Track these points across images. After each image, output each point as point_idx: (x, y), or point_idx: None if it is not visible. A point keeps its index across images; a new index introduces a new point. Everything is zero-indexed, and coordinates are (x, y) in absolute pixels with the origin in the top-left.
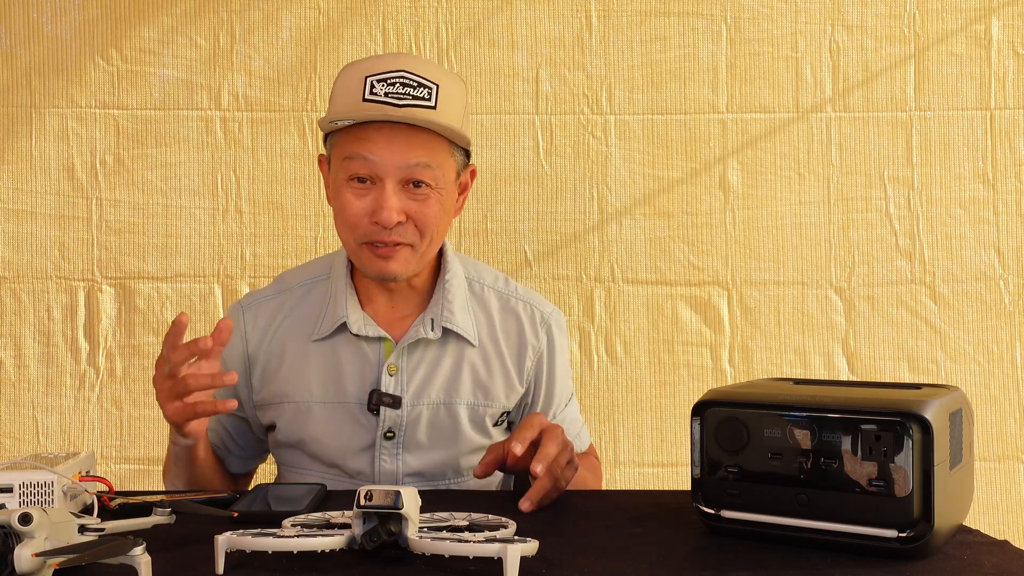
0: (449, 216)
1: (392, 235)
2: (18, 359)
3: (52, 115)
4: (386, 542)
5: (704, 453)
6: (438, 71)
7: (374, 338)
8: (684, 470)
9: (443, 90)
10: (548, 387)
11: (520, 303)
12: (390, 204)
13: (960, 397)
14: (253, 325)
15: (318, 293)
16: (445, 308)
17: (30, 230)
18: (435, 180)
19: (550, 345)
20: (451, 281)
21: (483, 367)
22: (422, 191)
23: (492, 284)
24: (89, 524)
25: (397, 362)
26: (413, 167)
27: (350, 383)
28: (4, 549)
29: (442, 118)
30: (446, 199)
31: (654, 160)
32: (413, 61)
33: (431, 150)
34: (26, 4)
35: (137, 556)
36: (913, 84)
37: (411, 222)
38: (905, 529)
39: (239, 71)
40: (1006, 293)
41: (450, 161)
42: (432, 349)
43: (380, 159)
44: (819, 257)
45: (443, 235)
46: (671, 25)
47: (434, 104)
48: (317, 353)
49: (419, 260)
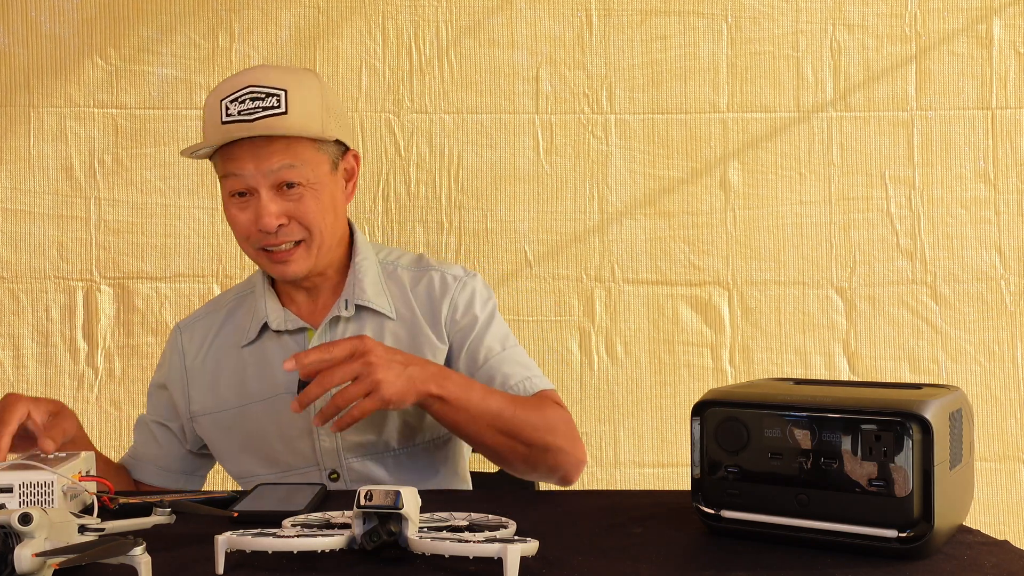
0: (337, 206)
1: (279, 237)
2: (16, 359)
3: (50, 114)
4: (386, 542)
5: (704, 453)
6: (286, 75)
7: (296, 330)
8: (684, 470)
9: (292, 93)
10: (473, 337)
11: (431, 271)
12: (268, 211)
13: (960, 397)
14: (189, 342)
15: (247, 305)
16: (356, 287)
17: (28, 230)
18: (305, 178)
19: (464, 298)
20: (361, 264)
21: (406, 335)
22: (295, 191)
23: (405, 264)
24: (89, 524)
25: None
26: (278, 171)
27: (280, 376)
28: (4, 549)
29: (294, 120)
30: (323, 193)
31: (655, 160)
32: (261, 72)
33: (292, 152)
34: (24, 3)
35: (137, 556)
36: (914, 84)
37: (294, 221)
38: (905, 529)
39: (238, 70)
40: (1007, 293)
41: (318, 156)
42: (351, 327)
43: (248, 172)
44: (820, 257)
45: (335, 225)
46: (672, 24)
47: (284, 109)
48: (249, 358)
49: (317, 254)
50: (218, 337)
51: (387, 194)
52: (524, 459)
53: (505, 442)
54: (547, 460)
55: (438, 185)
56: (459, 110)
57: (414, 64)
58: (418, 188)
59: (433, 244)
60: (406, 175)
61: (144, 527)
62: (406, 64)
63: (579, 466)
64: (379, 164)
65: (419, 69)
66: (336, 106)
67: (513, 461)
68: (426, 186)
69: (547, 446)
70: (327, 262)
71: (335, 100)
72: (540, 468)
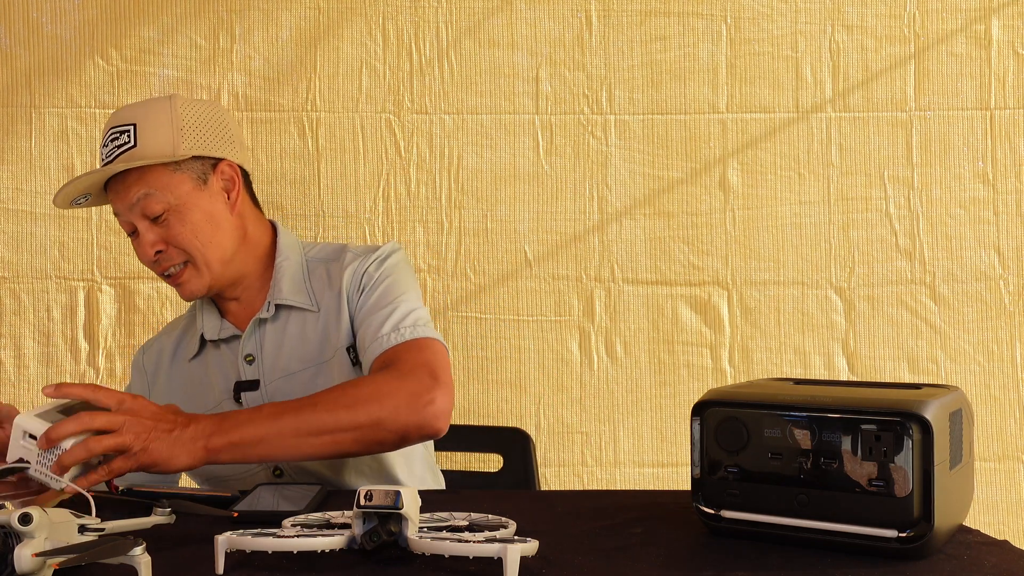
0: (216, 219)
1: (163, 264)
2: (18, 359)
3: (52, 115)
4: (386, 542)
5: (704, 453)
6: (138, 108)
7: (229, 338)
8: (684, 470)
9: (141, 126)
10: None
11: (345, 253)
12: (143, 242)
13: (960, 397)
14: (149, 362)
15: (194, 322)
16: (275, 288)
17: (30, 230)
18: (165, 204)
19: (363, 264)
20: (282, 264)
21: (333, 321)
22: (162, 218)
23: (323, 257)
24: (89, 524)
25: (251, 350)
26: (136, 204)
27: (219, 383)
28: (4, 549)
29: (143, 151)
30: (192, 212)
31: (654, 160)
32: (118, 113)
33: (145, 181)
34: (26, 4)
35: (137, 556)
36: (913, 84)
37: (170, 246)
38: (905, 529)
39: (239, 71)
40: (1006, 293)
41: (175, 177)
42: (277, 327)
43: (119, 210)
44: (819, 257)
45: (219, 238)
46: (671, 25)
47: (134, 143)
48: (195, 371)
49: (210, 271)
50: (171, 355)
51: (387, 194)
52: (358, 441)
53: (329, 440)
54: (387, 429)
55: (438, 185)
56: (459, 110)
57: (414, 65)
58: (418, 188)
59: (433, 244)
60: (406, 175)
61: (144, 527)
62: (406, 65)
63: (432, 417)
64: (379, 164)
65: (419, 70)
66: (195, 121)
67: (353, 450)
68: (426, 186)
69: (375, 420)
70: (238, 272)
71: (195, 115)
72: (387, 440)
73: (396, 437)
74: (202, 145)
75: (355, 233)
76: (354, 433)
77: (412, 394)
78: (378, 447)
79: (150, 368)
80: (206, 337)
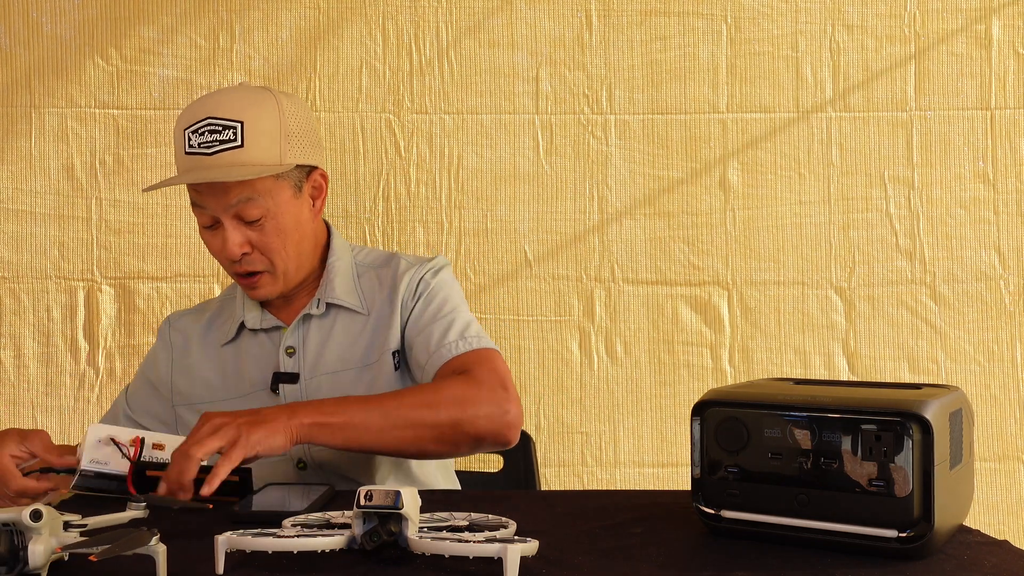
0: (302, 226)
1: (244, 265)
2: (18, 359)
3: (52, 115)
4: (386, 542)
5: (704, 453)
6: (242, 102)
7: (271, 328)
8: (684, 470)
9: (248, 125)
10: (414, 310)
11: (397, 259)
12: (231, 241)
13: (960, 397)
14: (176, 337)
15: (229, 309)
16: (328, 287)
17: (30, 230)
18: (264, 209)
19: (417, 275)
20: (335, 264)
21: (384, 325)
22: (257, 223)
23: (372, 262)
24: (72, 521)
25: (293, 343)
26: (236, 206)
27: (254, 372)
28: (13, 546)
29: (250, 154)
30: (285, 219)
31: (654, 160)
32: (216, 101)
33: (249, 185)
34: (26, 4)
35: (154, 547)
36: (913, 84)
37: (256, 251)
38: (905, 529)
39: (239, 71)
40: (1006, 293)
41: (278, 184)
42: (324, 325)
43: (209, 205)
44: (819, 257)
45: (301, 246)
46: (671, 25)
47: (241, 143)
48: (228, 356)
49: (284, 279)
50: (201, 336)
51: (387, 194)
52: (437, 440)
53: (411, 435)
54: (464, 432)
55: (438, 185)
56: (459, 110)
57: (414, 65)
58: (418, 188)
59: (433, 244)
60: (406, 175)
61: (120, 522)
62: (406, 65)
63: (506, 427)
64: (379, 164)
65: (419, 70)
66: (297, 127)
67: (431, 448)
68: (426, 186)
69: (455, 421)
70: (305, 275)
71: (297, 120)
72: (463, 443)
73: (472, 441)
74: (303, 153)
75: (355, 233)
76: (435, 431)
77: (491, 403)
78: (453, 448)
79: (177, 343)
80: (248, 325)
